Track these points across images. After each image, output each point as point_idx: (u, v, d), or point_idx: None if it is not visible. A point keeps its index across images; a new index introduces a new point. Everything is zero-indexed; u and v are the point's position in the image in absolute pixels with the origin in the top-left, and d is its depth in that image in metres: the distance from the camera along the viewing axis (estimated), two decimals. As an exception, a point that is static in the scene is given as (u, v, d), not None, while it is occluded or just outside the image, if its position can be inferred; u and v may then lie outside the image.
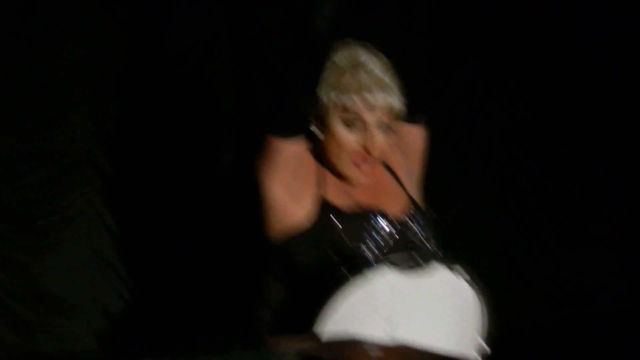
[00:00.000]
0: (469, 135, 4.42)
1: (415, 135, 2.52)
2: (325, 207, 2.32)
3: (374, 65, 2.37)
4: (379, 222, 2.35)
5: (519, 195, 4.47)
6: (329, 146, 2.36)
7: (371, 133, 2.33)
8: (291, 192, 2.34)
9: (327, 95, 2.35)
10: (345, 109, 2.33)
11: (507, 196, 4.47)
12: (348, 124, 2.34)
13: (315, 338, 2.02)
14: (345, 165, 2.34)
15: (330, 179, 2.39)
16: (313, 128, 2.36)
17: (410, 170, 2.52)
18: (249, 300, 2.47)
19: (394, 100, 2.35)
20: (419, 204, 2.45)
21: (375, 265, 2.09)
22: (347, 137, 2.33)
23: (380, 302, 2.10)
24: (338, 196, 2.36)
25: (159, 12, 3.95)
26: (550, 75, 4.47)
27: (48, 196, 3.77)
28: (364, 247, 2.31)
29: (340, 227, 2.29)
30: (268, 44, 4.09)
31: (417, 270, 2.17)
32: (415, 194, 2.49)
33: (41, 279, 3.76)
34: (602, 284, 4.47)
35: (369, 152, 2.33)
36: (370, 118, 2.33)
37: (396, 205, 2.40)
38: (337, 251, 2.28)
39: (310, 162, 2.36)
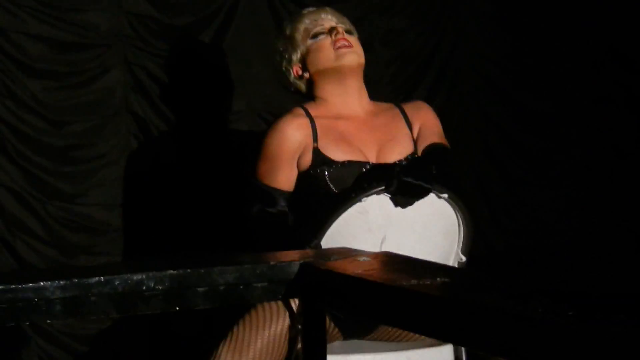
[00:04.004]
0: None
1: (426, 111, 2.72)
2: (318, 158, 2.51)
3: (318, 7, 2.68)
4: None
5: (493, 146, 5.06)
6: (315, 61, 2.58)
7: (333, 27, 2.59)
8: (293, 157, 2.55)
9: (292, 41, 2.61)
10: (309, 35, 2.60)
11: (483, 147, 5.06)
12: (317, 38, 2.59)
13: (314, 250, 2.16)
14: (333, 57, 2.55)
15: (331, 133, 2.57)
16: (300, 74, 2.62)
17: (427, 128, 2.65)
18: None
19: (341, 14, 2.65)
20: (418, 150, 2.59)
21: (371, 192, 2.23)
22: (321, 40, 2.58)
23: (375, 225, 2.24)
24: (333, 147, 2.53)
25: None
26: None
27: (92, 142, 4.08)
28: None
29: (328, 176, 2.48)
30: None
31: (408, 199, 2.29)
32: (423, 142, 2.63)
33: (85, 209, 4.04)
34: (558, 219, 5.08)
35: (339, 33, 2.58)
36: (329, 23, 2.62)
37: (397, 148, 2.57)
38: (326, 197, 2.47)
39: (306, 130, 2.56)
